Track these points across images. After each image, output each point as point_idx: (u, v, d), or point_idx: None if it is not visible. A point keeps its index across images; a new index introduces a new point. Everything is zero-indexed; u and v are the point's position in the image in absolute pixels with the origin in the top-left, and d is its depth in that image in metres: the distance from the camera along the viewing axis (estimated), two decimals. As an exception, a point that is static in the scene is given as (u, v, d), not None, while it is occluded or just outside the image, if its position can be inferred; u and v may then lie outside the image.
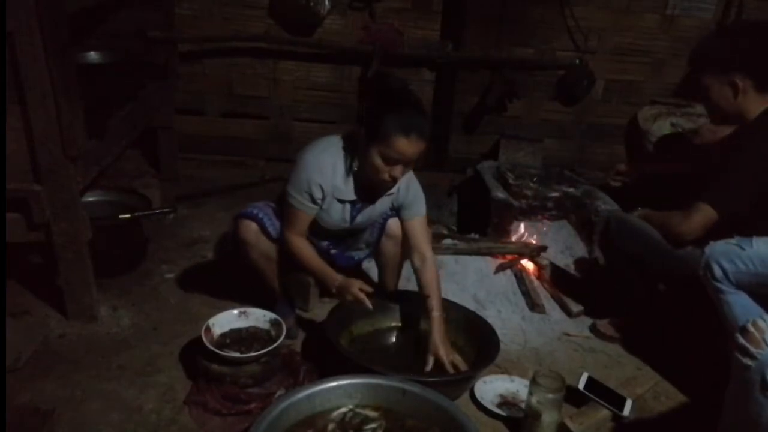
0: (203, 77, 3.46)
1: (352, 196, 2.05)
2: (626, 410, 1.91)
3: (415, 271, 2.11)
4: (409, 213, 2.12)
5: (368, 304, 1.95)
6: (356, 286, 1.95)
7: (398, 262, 2.28)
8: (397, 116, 1.84)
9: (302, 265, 2.08)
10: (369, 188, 2.04)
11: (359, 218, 2.12)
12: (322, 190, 1.98)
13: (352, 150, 1.99)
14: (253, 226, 2.05)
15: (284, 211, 2.05)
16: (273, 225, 2.07)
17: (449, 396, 1.80)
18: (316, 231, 2.12)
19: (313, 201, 1.99)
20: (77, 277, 2.13)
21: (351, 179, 2.01)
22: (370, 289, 1.97)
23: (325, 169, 1.97)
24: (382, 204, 2.11)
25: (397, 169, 1.90)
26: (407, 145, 1.85)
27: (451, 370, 1.95)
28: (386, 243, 2.19)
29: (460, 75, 3.48)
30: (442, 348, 1.98)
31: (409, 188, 2.09)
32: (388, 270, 2.28)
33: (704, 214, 1.99)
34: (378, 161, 1.89)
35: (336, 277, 2.00)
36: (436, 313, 2.03)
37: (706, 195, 2.00)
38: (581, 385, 1.95)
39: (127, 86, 2.69)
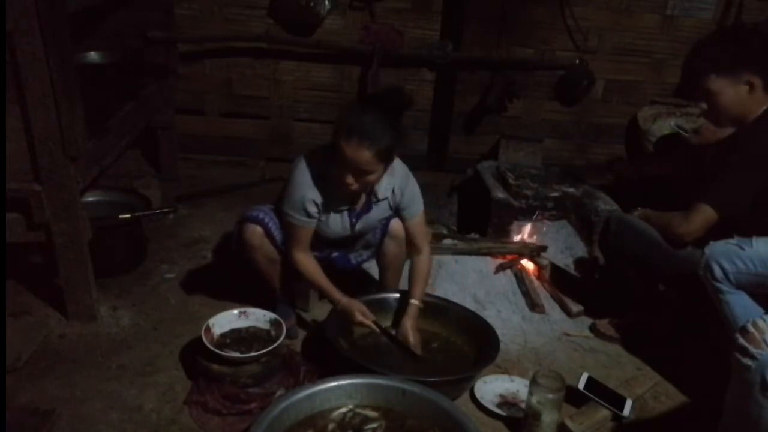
0: (203, 77, 3.46)
1: (346, 205, 2.06)
2: (626, 410, 1.91)
3: (411, 262, 2.18)
4: (408, 213, 2.13)
5: (374, 327, 2.06)
6: (357, 315, 2.03)
7: (400, 263, 2.28)
8: (348, 119, 1.83)
9: (308, 282, 2.13)
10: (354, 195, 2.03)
11: (359, 225, 2.13)
12: (316, 204, 1.98)
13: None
14: (259, 230, 2.06)
15: (284, 228, 2.06)
16: (278, 228, 2.08)
17: (449, 396, 1.80)
18: (319, 241, 2.12)
19: (310, 216, 1.99)
20: (77, 277, 2.13)
21: (341, 190, 1.99)
22: (371, 316, 2.06)
23: (315, 182, 1.96)
24: (380, 208, 2.11)
25: (349, 178, 1.86)
26: (348, 149, 1.80)
27: (418, 352, 2.05)
28: (389, 244, 2.18)
29: (460, 75, 3.48)
30: (411, 335, 2.08)
31: (405, 189, 2.08)
32: (389, 271, 2.28)
33: (704, 214, 1.99)
34: (333, 169, 1.89)
35: (339, 300, 2.05)
36: (414, 302, 2.11)
37: (706, 195, 1.99)
38: (581, 385, 1.95)
39: (127, 86, 2.70)
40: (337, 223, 2.08)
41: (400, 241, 2.17)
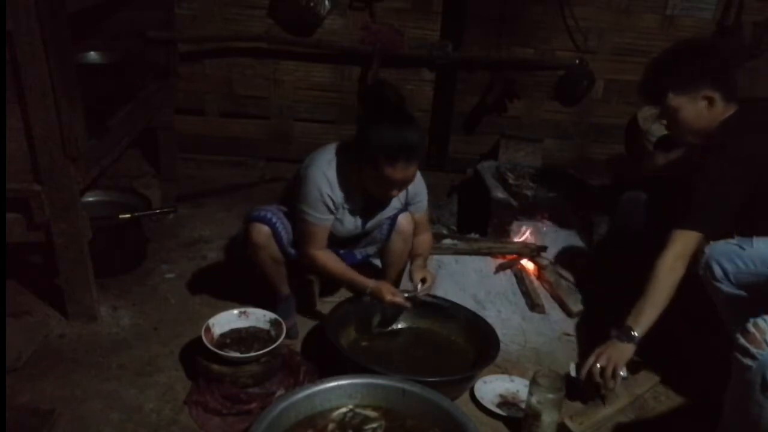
0: (203, 77, 3.46)
1: (361, 206, 2.08)
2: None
3: (414, 240, 2.23)
4: (415, 207, 2.20)
5: (407, 304, 2.08)
6: (387, 295, 2.05)
7: (404, 261, 2.29)
8: (383, 142, 1.85)
9: (330, 277, 2.15)
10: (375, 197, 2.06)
11: (371, 223, 2.16)
12: (334, 202, 2.00)
13: (354, 161, 2.01)
14: (266, 229, 2.05)
15: (301, 229, 2.06)
16: (285, 229, 2.09)
17: (449, 396, 1.80)
18: (329, 241, 2.13)
19: (330, 212, 2.02)
20: (77, 277, 2.13)
21: (358, 190, 2.03)
22: (400, 294, 2.07)
23: (333, 181, 1.99)
24: (391, 205, 2.15)
25: (393, 191, 1.96)
26: (396, 172, 1.88)
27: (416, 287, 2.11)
28: (396, 239, 2.19)
29: (460, 75, 3.48)
30: (419, 273, 2.16)
31: (415, 185, 2.11)
32: (392, 268, 2.29)
33: (685, 242, 1.90)
34: (370, 184, 1.97)
35: (367, 284, 2.08)
36: (420, 256, 2.22)
37: (688, 221, 1.91)
38: (572, 372, 1.97)
39: (127, 86, 2.69)
40: (350, 221, 2.11)
41: (407, 237, 2.19)
